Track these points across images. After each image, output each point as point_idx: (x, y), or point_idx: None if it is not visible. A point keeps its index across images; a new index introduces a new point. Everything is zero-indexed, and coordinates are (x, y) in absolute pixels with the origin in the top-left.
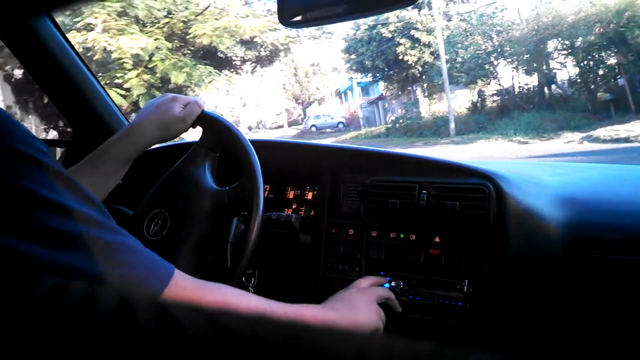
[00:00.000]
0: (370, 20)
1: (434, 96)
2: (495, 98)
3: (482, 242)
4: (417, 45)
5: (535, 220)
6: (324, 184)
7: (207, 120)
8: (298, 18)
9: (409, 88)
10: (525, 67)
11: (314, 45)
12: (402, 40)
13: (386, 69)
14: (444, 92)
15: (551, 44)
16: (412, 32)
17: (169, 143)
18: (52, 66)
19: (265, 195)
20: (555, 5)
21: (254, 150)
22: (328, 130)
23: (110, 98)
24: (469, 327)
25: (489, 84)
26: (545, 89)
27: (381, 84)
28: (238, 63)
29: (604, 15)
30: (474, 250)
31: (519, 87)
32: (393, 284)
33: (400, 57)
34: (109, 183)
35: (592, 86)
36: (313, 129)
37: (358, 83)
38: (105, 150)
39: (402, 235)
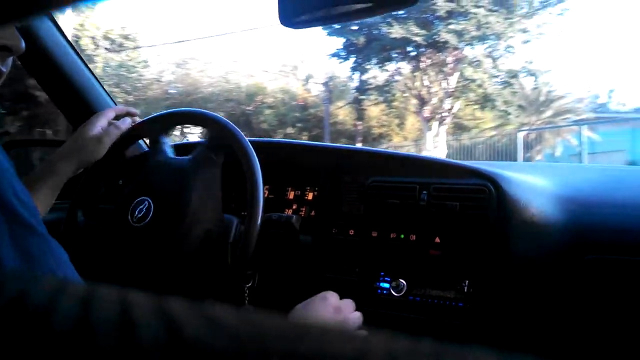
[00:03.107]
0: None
1: None
2: None
3: (482, 242)
4: None
5: (535, 221)
6: (324, 184)
7: (209, 121)
8: (298, 18)
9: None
10: None
11: None
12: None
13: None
14: None
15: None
16: None
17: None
18: (52, 66)
19: (265, 195)
20: (194, 74)
21: (253, 151)
22: None
23: (111, 98)
24: (469, 327)
25: None
26: None
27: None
28: None
29: (236, 94)
30: (474, 250)
31: None
32: (393, 284)
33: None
34: (50, 199)
35: None
36: None
37: None
38: (28, 183)
39: (402, 236)
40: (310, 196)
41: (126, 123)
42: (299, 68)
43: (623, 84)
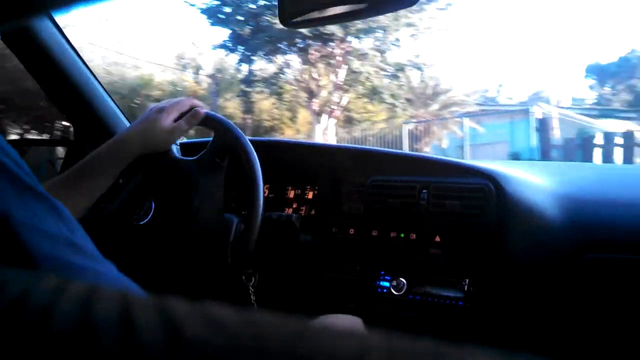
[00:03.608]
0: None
1: None
2: None
3: (482, 241)
4: None
5: (535, 220)
6: (324, 183)
7: (210, 122)
8: (299, 19)
9: None
10: None
11: None
12: None
13: None
14: None
15: None
16: None
17: None
18: (52, 66)
19: (266, 194)
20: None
21: (253, 150)
22: None
23: (112, 98)
24: (469, 326)
25: None
26: None
27: None
28: None
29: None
30: (474, 249)
31: None
32: (394, 283)
33: None
34: (93, 196)
35: None
36: None
37: None
38: (89, 164)
39: (402, 235)
40: (310, 195)
41: (197, 117)
42: (190, 60)
43: (511, 78)
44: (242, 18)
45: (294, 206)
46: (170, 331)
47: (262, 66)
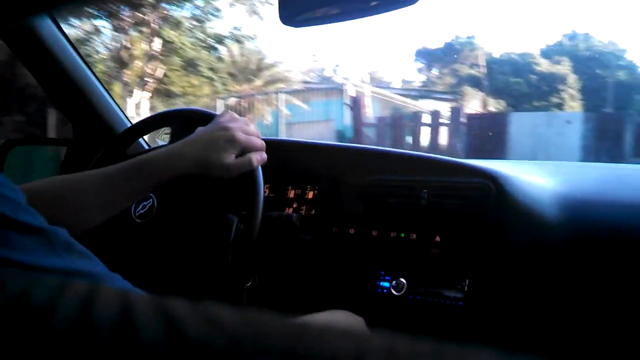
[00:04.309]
0: None
1: None
2: None
3: (483, 241)
4: None
5: (536, 220)
6: (325, 183)
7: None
8: (299, 18)
9: None
10: None
11: None
12: None
13: None
14: None
15: None
16: None
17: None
18: (52, 66)
19: (266, 194)
20: None
21: None
22: None
23: (112, 97)
24: (469, 326)
25: None
26: None
27: None
28: None
29: None
30: (474, 249)
31: None
32: (394, 283)
33: None
34: (124, 204)
35: None
36: None
37: None
38: (134, 168)
39: (402, 235)
40: (310, 195)
41: (260, 159)
42: None
43: (349, 59)
44: None
45: (294, 206)
46: (170, 331)
47: (68, 32)
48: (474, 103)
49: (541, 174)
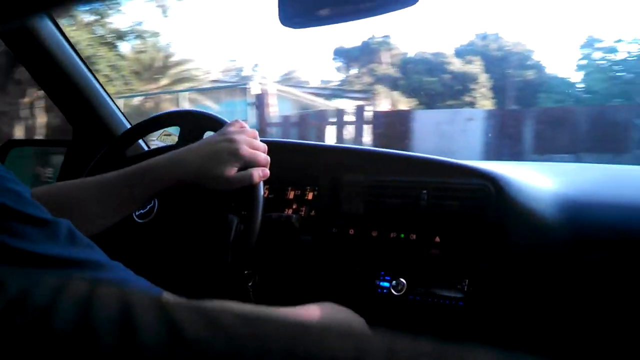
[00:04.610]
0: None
1: None
2: None
3: (482, 242)
4: None
5: (535, 221)
6: (324, 184)
7: (209, 122)
8: (298, 19)
9: None
10: None
11: None
12: None
13: None
14: None
15: None
16: None
17: (166, 144)
18: (52, 66)
19: (265, 195)
20: None
21: None
22: None
23: (112, 98)
24: (469, 326)
25: None
26: None
27: None
28: None
29: None
30: (474, 250)
31: None
32: (394, 283)
33: None
34: (125, 211)
35: None
36: None
37: None
38: (136, 175)
39: (402, 235)
40: (310, 196)
41: (262, 175)
42: None
43: (268, 59)
44: None
45: (294, 207)
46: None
47: None
48: (387, 102)
49: (541, 175)
